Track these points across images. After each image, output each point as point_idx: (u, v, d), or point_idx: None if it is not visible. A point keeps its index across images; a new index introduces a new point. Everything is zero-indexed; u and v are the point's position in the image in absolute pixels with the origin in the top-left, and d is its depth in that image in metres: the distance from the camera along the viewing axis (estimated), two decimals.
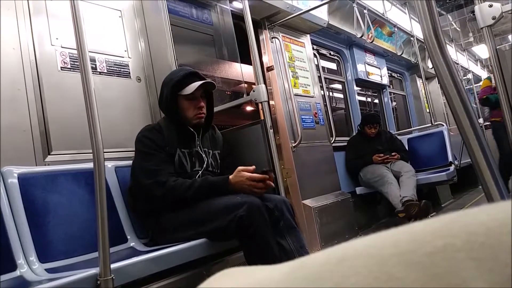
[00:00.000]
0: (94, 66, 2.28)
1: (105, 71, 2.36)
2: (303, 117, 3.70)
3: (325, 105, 4.18)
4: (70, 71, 2.18)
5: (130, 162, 2.02)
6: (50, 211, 1.74)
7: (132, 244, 1.95)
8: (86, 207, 1.84)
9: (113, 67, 2.40)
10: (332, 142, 4.03)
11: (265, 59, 3.67)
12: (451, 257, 0.21)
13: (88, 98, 1.38)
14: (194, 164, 2.00)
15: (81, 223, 1.80)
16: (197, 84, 1.98)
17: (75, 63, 2.18)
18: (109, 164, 2.07)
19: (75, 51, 1.91)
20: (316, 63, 4.23)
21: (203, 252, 1.76)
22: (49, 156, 2.01)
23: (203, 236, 1.77)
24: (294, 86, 3.74)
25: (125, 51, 2.50)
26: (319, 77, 4.23)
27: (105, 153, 1.39)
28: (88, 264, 1.60)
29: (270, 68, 3.65)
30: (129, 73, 2.49)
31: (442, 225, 0.23)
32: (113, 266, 1.33)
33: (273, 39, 3.67)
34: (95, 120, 1.36)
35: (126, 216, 2.01)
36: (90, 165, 1.42)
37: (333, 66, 5.18)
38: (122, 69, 2.45)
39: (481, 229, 0.21)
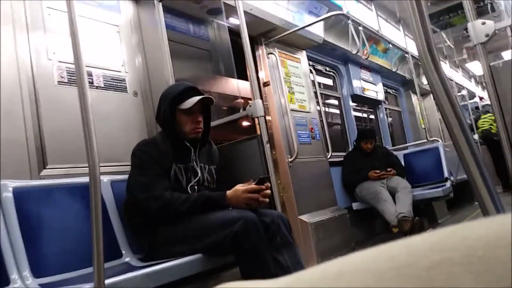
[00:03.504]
0: (91, 80, 2.29)
1: (102, 85, 2.36)
2: (299, 132, 3.71)
3: (321, 121, 4.19)
4: (67, 85, 2.19)
5: (126, 177, 2.01)
6: (45, 226, 1.73)
7: (127, 259, 1.93)
8: (81, 221, 1.82)
9: (110, 81, 2.41)
10: (328, 157, 4.04)
11: (261, 74, 3.70)
12: (449, 271, 0.21)
13: (85, 112, 1.38)
14: (190, 179, 2.00)
15: (75, 237, 1.78)
16: (196, 99, 1.98)
17: (72, 77, 2.19)
18: (105, 179, 2.06)
19: (72, 66, 1.92)
20: (312, 78, 4.26)
21: (199, 267, 1.74)
22: (44, 170, 2.00)
23: (199, 251, 1.76)
24: (290, 101, 3.76)
25: (122, 65, 2.51)
26: (315, 92, 4.26)
27: (101, 168, 1.38)
28: (83, 279, 1.58)
29: (266, 84, 3.67)
30: (126, 88, 2.49)
31: (440, 239, 0.23)
32: (107, 281, 1.31)
33: (270, 54, 3.70)
34: (91, 134, 1.36)
35: (121, 231, 2.00)
36: (85, 179, 1.41)
37: (329, 81, 5.22)
38: (119, 84, 2.46)
39: (479, 243, 0.21)
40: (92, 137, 1.36)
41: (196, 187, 2.00)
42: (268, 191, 1.89)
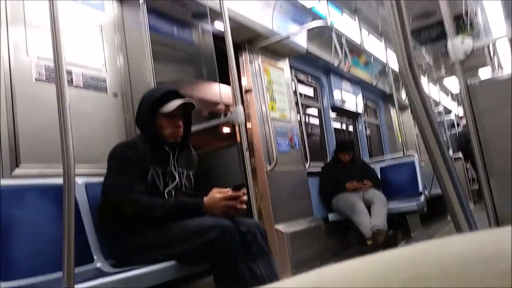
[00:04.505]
0: (70, 78, 2.24)
1: (81, 84, 2.32)
2: (279, 141, 3.72)
3: (301, 130, 4.22)
4: (45, 82, 2.14)
5: (102, 179, 1.97)
6: (14, 227, 1.67)
7: (98, 264, 1.88)
8: (53, 224, 1.76)
9: (90, 81, 2.37)
10: (307, 167, 4.05)
11: (244, 81, 3.70)
12: (425, 285, 0.21)
13: (62, 111, 1.35)
14: (167, 184, 1.97)
15: (46, 240, 1.73)
16: (177, 103, 1.96)
17: (51, 75, 2.14)
18: (80, 181, 2.01)
19: (51, 63, 1.88)
20: (294, 88, 4.29)
21: (172, 274, 1.72)
22: (17, 169, 1.94)
23: (173, 258, 1.73)
24: (272, 109, 3.77)
25: (103, 65, 2.47)
26: (296, 102, 4.28)
27: (76, 169, 1.35)
28: (52, 284, 1.54)
29: (248, 91, 3.68)
30: (106, 88, 2.45)
31: (416, 254, 0.23)
32: (77, 287, 1.28)
33: (253, 62, 3.71)
34: (68, 134, 1.33)
35: (93, 235, 1.95)
36: (59, 180, 1.38)
37: (310, 92, 5.26)
38: (99, 84, 2.41)
39: (454, 259, 0.21)
40: (69, 137, 1.33)
41: (173, 192, 1.97)
42: (245, 198, 1.89)
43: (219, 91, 3.25)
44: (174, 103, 1.96)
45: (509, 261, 0.20)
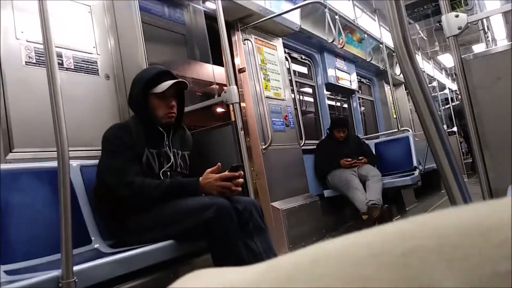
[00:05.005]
0: (60, 61, 2.21)
1: (72, 67, 2.29)
2: (273, 119, 3.72)
3: (295, 109, 4.21)
4: (35, 66, 2.11)
5: (96, 162, 1.96)
6: (11, 211, 1.67)
7: (96, 245, 1.90)
8: (49, 207, 1.77)
9: (81, 63, 2.34)
10: (301, 145, 4.07)
11: (237, 61, 3.67)
12: (423, 258, 0.21)
13: (54, 94, 1.33)
14: (163, 165, 1.97)
15: (43, 223, 1.74)
16: (169, 83, 1.95)
17: (41, 58, 2.11)
18: (74, 163, 2.01)
19: (41, 46, 1.85)
20: (288, 66, 4.26)
21: (170, 253, 1.73)
22: (10, 153, 1.93)
23: (170, 237, 1.75)
24: (266, 88, 3.75)
25: (94, 47, 2.43)
26: (290, 80, 4.27)
27: (70, 152, 1.34)
28: (50, 266, 1.55)
29: (242, 70, 3.65)
30: (98, 70, 2.43)
31: (414, 226, 0.23)
32: (76, 268, 1.29)
33: (246, 41, 3.67)
34: (61, 118, 1.32)
35: (90, 217, 1.96)
36: (54, 163, 1.37)
37: (304, 70, 5.24)
38: (90, 66, 2.38)
39: (453, 231, 0.22)
40: (61, 121, 1.32)
41: (168, 172, 1.97)
42: (241, 180, 1.89)
43: (212, 71, 3.23)
44: (166, 83, 1.95)
45: (508, 231, 0.20)
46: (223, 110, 4.38)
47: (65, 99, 1.40)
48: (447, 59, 8.86)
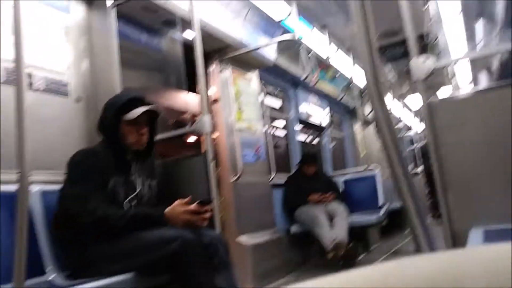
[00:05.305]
0: (30, 82, 2.16)
1: (42, 88, 2.23)
2: (245, 151, 3.72)
3: (267, 142, 4.24)
4: (2, 85, 2.04)
5: (59, 187, 1.89)
6: None
7: (51, 277, 1.79)
8: (4, 234, 1.67)
9: (51, 85, 2.28)
10: (271, 178, 4.07)
11: (211, 91, 3.69)
12: None
13: (19, 115, 1.29)
14: (128, 193, 1.91)
15: None
16: (142, 109, 1.92)
17: (9, 77, 2.05)
18: (36, 188, 1.92)
19: (9, 64, 1.81)
20: (262, 99, 4.32)
21: (131, 287, 1.66)
22: None
23: (132, 270, 1.68)
24: (239, 120, 3.77)
25: (67, 69, 2.39)
26: (264, 113, 4.31)
27: (32, 176, 1.29)
28: None
29: (216, 101, 3.67)
30: (69, 93, 2.38)
31: (378, 275, 0.23)
32: None
33: (222, 71, 3.71)
34: (24, 139, 1.27)
35: (47, 246, 1.85)
36: (12, 187, 1.31)
37: (277, 104, 5.31)
38: (61, 88, 2.33)
39: (416, 280, 0.21)
40: (24, 142, 1.27)
41: (134, 202, 1.92)
42: (208, 215, 1.86)
43: (186, 100, 3.22)
44: (139, 110, 1.92)
45: (472, 283, 0.20)
46: (193, 140, 4.36)
47: (32, 120, 1.36)
48: (415, 101, 9.20)
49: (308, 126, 5.97)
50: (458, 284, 0.20)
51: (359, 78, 5.53)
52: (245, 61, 3.97)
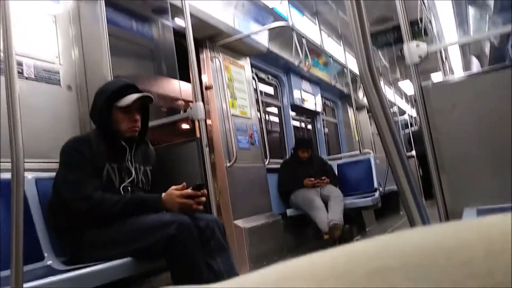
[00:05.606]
0: (20, 70, 2.13)
1: (33, 76, 2.21)
2: (239, 137, 3.72)
3: (261, 127, 4.24)
4: None
5: (53, 174, 1.89)
6: None
7: (49, 262, 1.80)
8: (1, 221, 1.68)
9: (42, 73, 2.26)
10: (266, 163, 4.08)
11: (204, 78, 3.67)
12: (388, 278, 0.21)
13: (11, 103, 1.28)
14: (123, 180, 1.91)
15: None
16: (134, 96, 1.91)
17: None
18: (29, 176, 1.92)
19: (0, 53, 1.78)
20: (255, 86, 4.30)
21: (127, 271, 1.68)
22: None
23: (129, 255, 1.69)
24: (232, 106, 3.76)
25: (57, 57, 2.37)
26: (257, 100, 4.30)
27: (26, 163, 1.29)
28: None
29: (208, 87, 3.65)
30: (60, 81, 2.36)
31: (378, 247, 0.23)
32: (26, 285, 1.23)
33: (214, 58, 3.69)
34: (17, 128, 1.27)
35: (44, 232, 1.86)
36: (7, 175, 1.31)
37: (270, 90, 5.30)
38: (52, 76, 2.31)
39: (416, 251, 0.22)
40: (18, 131, 1.27)
41: (129, 188, 1.92)
42: (203, 198, 1.87)
43: (178, 87, 3.21)
44: (131, 97, 1.91)
45: (469, 252, 0.20)
46: (188, 127, 4.35)
47: (24, 108, 1.35)
48: (408, 86, 9.23)
49: (301, 111, 5.97)
50: (457, 253, 0.21)
51: (352, 63, 5.52)
52: (237, 48, 3.95)
